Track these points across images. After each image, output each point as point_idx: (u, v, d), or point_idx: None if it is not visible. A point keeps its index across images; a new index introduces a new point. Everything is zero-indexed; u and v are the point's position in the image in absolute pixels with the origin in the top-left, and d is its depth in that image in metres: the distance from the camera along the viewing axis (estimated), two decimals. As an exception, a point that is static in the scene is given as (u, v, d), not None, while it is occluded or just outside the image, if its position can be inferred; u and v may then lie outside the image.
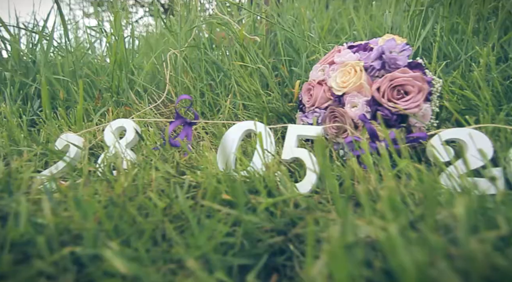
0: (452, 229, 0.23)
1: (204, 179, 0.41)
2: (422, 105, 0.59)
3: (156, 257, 0.32)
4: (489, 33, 0.89)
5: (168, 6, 5.80)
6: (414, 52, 1.00)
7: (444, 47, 0.95)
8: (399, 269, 0.19)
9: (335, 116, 0.65)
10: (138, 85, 0.89)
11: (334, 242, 0.18)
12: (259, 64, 0.88)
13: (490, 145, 0.54)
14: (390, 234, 0.20)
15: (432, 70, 0.90)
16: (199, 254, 0.28)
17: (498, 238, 0.25)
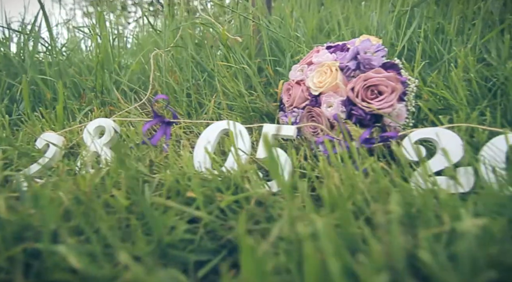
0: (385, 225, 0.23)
1: (168, 177, 0.42)
2: (395, 105, 0.60)
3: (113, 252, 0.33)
4: (472, 34, 0.90)
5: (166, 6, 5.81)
6: (398, 53, 1.01)
7: (428, 48, 0.95)
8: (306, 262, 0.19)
9: (312, 116, 0.66)
10: (124, 84, 0.90)
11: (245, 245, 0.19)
12: (244, 64, 0.89)
13: (460, 144, 0.55)
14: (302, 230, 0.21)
15: (415, 70, 0.91)
16: (151, 250, 0.29)
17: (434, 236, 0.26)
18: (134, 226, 0.35)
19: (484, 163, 0.52)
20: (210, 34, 0.91)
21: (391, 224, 0.23)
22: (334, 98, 0.63)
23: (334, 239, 0.21)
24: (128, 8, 6.25)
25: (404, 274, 0.21)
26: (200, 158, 0.58)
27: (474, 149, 0.59)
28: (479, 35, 0.86)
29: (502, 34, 0.96)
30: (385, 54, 0.62)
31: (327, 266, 0.18)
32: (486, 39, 0.82)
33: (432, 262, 0.21)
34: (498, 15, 0.87)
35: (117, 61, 0.89)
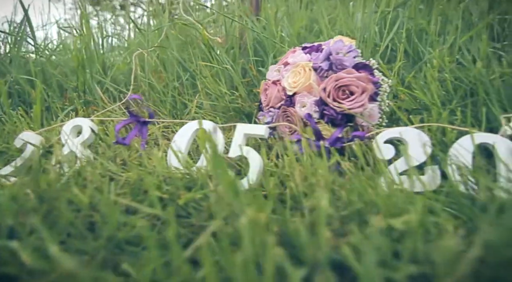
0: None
1: (134, 175, 0.42)
2: (367, 105, 0.61)
3: (72, 249, 0.34)
4: (452, 34, 0.91)
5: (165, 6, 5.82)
6: (382, 53, 1.02)
7: (410, 48, 0.96)
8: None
9: (287, 115, 0.67)
10: (108, 84, 0.91)
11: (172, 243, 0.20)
12: (226, 64, 0.90)
13: (428, 143, 0.56)
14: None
15: (393, 70, 0.92)
16: (100, 245, 0.30)
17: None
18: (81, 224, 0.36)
19: (450, 162, 0.53)
20: (193, 35, 0.92)
21: (319, 219, 0.24)
22: (307, 98, 0.63)
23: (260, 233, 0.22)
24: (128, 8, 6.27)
25: (326, 267, 0.22)
26: (174, 157, 0.59)
27: (444, 148, 0.60)
28: (459, 36, 0.87)
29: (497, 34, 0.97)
30: (357, 54, 0.63)
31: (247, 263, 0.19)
32: (465, 39, 0.83)
33: (352, 257, 0.22)
34: (478, 16, 0.88)
35: (100, 61, 0.90)
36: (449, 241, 0.20)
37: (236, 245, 0.25)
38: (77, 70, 0.80)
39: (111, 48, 1.27)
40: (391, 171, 0.53)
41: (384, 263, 0.23)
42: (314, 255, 0.22)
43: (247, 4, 1.18)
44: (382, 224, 0.28)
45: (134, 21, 0.97)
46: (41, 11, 1.60)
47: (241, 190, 0.28)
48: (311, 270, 0.22)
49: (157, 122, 0.79)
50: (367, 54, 1.01)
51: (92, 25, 1.39)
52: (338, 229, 0.26)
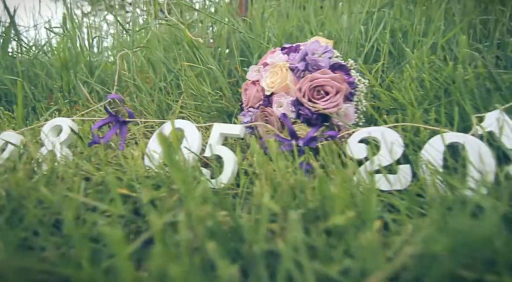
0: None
1: (105, 174, 0.43)
2: (341, 105, 0.61)
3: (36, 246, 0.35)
4: (433, 34, 0.92)
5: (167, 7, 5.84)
6: (367, 53, 1.03)
7: (393, 49, 0.97)
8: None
9: (265, 115, 0.68)
10: (93, 84, 0.92)
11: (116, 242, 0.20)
12: (211, 65, 0.90)
13: (401, 143, 0.56)
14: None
15: (376, 70, 0.93)
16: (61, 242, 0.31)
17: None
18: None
19: (421, 162, 0.54)
20: (177, 35, 0.93)
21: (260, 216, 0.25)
22: (284, 99, 0.64)
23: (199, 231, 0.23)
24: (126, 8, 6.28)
25: (259, 262, 0.23)
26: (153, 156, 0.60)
27: (417, 147, 0.61)
28: (441, 36, 0.88)
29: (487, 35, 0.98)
30: (333, 55, 0.64)
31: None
32: (446, 39, 0.84)
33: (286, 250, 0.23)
34: (460, 16, 0.89)
35: (85, 61, 0.90)
36: (369, 237, 0.21)
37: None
38: (60, 70, 0.81)
39: (102, 48, 1.27)
40: (361, 170, 0.54)
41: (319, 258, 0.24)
42: (250, 250, 0.23)
43: (235, 5, 1.19)
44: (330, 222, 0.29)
45: (119, 21, 0.98)
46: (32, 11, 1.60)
47: (193, 187, 0.29)
48: (247, 265, 0.23)
49: (140, 122, 0.80)
50: (351, 54, 1.02)
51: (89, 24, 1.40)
52: (282, 225, 0.27)
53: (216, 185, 0.54)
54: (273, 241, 0.24)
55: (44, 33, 1.63)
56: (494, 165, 0.50)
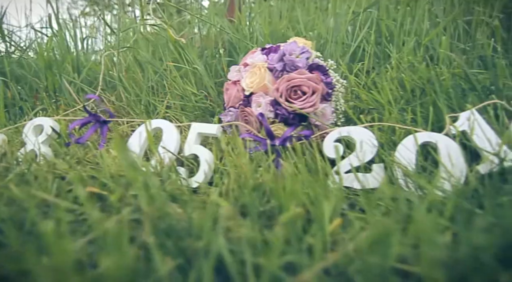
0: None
1: (71, 172, 0.44)
2: (318, 105, 0.62)
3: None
4: (420, 34, 0.93)
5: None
6: (351, 54, 1.04)
7: (377, 49, 0.98)
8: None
9: (245, 115, 0.68)
10: (78, 84, 0.93)
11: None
12: (196, 65, 0.91)
13: (374, 142, 0.57)
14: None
15: (364, 71, 0.94)
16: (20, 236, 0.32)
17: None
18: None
19: (393, 161, 0.55)
20: (162, 36, 0.93)
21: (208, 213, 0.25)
22: (263, 98, 0.65)
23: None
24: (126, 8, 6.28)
25: (201, 257, 0.23)
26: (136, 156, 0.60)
27: (393, 146, 0.62)
28: (424, 36, 0.89)
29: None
30: (310, 56, 0.64)
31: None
32: (428, 40, 0.85)
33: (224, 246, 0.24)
34: (443, 17, 0.89)
35: (71, 61, 0.91)
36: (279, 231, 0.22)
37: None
38: (45, 70, 0.82)
39: (92, 48, 1.28)
40: (337, 169, 0.55)
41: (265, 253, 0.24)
42: (192, 246, 0.24)
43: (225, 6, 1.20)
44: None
45: (106, 22, 0.99)
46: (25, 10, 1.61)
47: (152, 185, 0.30)
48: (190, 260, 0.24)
49: (125, 122, 0.80)
50: (337, 55, 1.03)
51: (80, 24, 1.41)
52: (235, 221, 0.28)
53: (190, 184, 0.55)
54: (217, 237, 0.25)
55: (38, 33, 1.63)
56: (463, 164, 0.51)
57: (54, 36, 0.84)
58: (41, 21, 1.52)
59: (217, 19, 1.01)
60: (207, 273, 0.22)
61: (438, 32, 0.85)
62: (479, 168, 0.52)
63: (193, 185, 0.55)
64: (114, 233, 0.23)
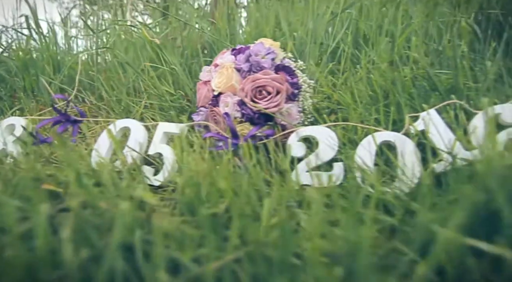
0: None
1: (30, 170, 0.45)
2: (282, 105, 0.63)
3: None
4: (395, 35, 0.94)
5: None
6: (331, 55, 1.05)
7: (353, 49, 0.99)
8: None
9: (214, 115, 0.70)
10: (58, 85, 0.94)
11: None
12: (174, 65, 0.92)
13: (335, 141, 0.58)
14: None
15: (341, 72, 0.95)
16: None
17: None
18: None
19: (353, 160, 0.56)
20: (139, 36, 0.95)
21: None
22: (230, 99, 0.66)
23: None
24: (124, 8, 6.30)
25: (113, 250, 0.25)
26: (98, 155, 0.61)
27: (355, 146, 0.63)
28: (398, 37, 0.90)
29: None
30: (276, 56, 0.65)
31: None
32: (401, 40, 0.86)
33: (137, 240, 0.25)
34: (416, 17, 0.90)
35: (49, 61, 0.92)
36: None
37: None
38: (22, 70, 0.83)
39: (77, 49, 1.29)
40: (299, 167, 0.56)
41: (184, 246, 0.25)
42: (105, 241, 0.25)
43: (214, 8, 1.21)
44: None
45: (86, 22, 1.00)
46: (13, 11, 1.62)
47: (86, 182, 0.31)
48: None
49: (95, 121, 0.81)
50: (314, 55, 1.04)
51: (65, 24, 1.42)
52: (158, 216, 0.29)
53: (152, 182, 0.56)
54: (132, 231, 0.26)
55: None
56: (418, 163, 0.52)
57: (31, 36, 0.85)
58: (26, 21, 1.53)
59: (197, 20, 1.02)
60: (118, 264, 0.23)
61: (411, 33, 0.87)
62: (435, 167, 0.53)
63: (155, 183, 0.56)
64: (39, 225, 0.24)
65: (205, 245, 0.25)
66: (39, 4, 2.33)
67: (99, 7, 2.09)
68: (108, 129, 0.55)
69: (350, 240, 0.23)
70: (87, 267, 0.23)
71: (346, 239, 0.25)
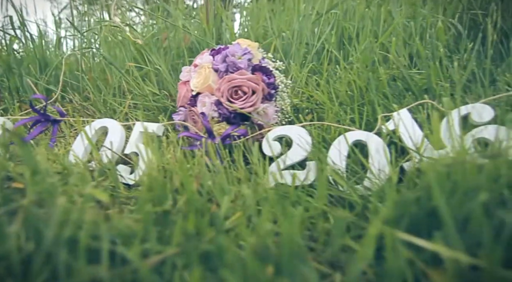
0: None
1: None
2: (258, 105, 0.64)
3: None
4: (372, 36, 0.95)
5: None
6: (313, 55, 1.06)
7: (337, 50, 1.00)
8: None
9: (192, 115, 0.70)
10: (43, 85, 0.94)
11: None
12: (158, 65, 0.93)
13: (308, 141, 0.59)
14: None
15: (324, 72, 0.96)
16: None
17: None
18: None
19: (326, 160, 0.57)
20: (123, 37, 0.96)
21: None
22: (208, 98, 0.67)
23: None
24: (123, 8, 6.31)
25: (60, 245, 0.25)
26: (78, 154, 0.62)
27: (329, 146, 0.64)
28: (380, 37, 0.91)
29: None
30: (252, 57, 0.66)
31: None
32: (381, 41, 0.87)
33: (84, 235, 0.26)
34: (397, 18, 0.91)
35: (29, 61, 0.93)
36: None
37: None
38: (6, 71, 0.84)
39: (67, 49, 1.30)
40: (272, 166, 0.57)
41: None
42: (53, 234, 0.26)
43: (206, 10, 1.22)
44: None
45: (71, 22, 1.00)
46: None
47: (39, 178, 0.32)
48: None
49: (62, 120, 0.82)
50: (299, 55, 1.05)
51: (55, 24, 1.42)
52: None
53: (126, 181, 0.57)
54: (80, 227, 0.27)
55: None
56: (387, 162, 0.53)
57: (16, 36, 0.85)
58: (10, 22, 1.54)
59: (184, 20, 1.03)
60: (61, 260, 0.24)
61: (392, 33, 0.87)
62: (404, 165, 0.54)
63: (129, 182, 0.57)
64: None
65: (149, 240, 0.26)
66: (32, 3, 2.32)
67: (86, 8, 2.09)
68: (83, 130, 0.56)
69: (282, 234, 0.23)
70: (31, 260, 0.24)
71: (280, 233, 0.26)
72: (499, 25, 0.76)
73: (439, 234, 0.27)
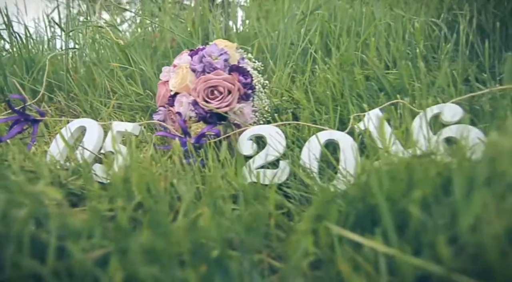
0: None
1: None
2: (234, 104, 0.65)
3: None
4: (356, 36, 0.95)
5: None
6: (298, 55, 1.06)
7: (320, 51, 1.01)
8: None
9: (171, 114, 0.71)
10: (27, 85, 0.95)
11: None
12: (142, 65, 0.94)
13: (283, 141, 0.60)
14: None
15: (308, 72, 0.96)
16: None
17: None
18: None
19: (299, 159, 0.58)
20: (107, 37, 0.96)
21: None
22: (186, 98, 0.68)
23: None
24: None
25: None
26: (54, 153, 0.63)
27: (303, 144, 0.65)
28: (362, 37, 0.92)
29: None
30: (228, 57, 0.67)
31: None
32: (362, 41, 0.88)
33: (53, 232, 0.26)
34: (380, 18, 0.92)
35: (16, 62, 0.94)
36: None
37: None
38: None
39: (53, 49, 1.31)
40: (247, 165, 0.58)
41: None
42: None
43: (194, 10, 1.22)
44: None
45: (56, 22, 1.01)
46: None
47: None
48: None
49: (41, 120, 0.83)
50: (283, 55, 1.05)
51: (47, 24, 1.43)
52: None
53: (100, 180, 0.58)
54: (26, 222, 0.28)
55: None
56: (354, 161, 0.54)
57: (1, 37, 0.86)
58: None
59: (167, 20, 1.04)
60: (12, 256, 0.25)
61: (374, 33, 0.88)
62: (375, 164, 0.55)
63: (104, 181, 0.58)
64: None
65: (93, 236, 0.27)
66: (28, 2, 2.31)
67: (76, 10, 2.10)
68: (59, 131, 0.57)
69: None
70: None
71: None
72: (474, 25, 0.77)
73: (379, 230, 0.28)
